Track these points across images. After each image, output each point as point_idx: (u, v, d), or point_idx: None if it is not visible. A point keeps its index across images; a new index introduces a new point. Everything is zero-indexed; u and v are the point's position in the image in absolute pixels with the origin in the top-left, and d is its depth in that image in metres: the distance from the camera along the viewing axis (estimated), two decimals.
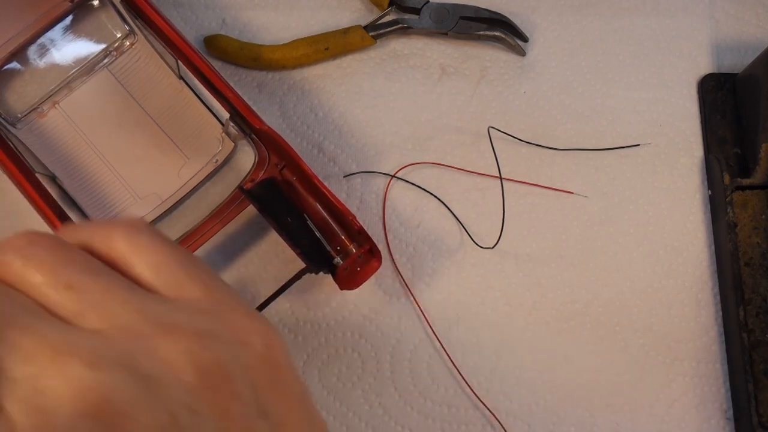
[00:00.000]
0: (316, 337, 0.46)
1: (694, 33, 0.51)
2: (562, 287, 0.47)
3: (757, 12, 0.51)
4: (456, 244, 0.47)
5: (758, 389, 0.44)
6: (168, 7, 0.49)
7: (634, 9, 0.51)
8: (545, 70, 0.50)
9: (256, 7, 0.50)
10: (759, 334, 0.44)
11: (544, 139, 0.48)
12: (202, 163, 0.46)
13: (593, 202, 0.48)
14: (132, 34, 0.46)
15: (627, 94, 0.50)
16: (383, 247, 0.47)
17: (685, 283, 0.47)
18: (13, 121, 0.45)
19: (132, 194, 0.45)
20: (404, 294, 0.46)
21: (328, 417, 0.45)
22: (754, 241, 0.46)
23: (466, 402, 0.45)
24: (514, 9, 0.50)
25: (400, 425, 0.45)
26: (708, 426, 0.46)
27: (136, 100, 0.46)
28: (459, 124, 0.49)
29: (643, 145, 0.49)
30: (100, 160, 0.45)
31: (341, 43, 0.48)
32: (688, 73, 0.50)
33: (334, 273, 0.43)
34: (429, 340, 0.46)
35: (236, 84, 0.48)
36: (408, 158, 0.48)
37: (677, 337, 0.47)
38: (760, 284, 0.45)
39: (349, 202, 0.47)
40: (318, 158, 0.48)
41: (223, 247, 0.46)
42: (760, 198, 0.46)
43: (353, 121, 0.48)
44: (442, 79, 0.49)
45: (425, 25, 0.48)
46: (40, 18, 0.44)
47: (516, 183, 0.48)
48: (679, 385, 0.46)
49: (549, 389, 0.46)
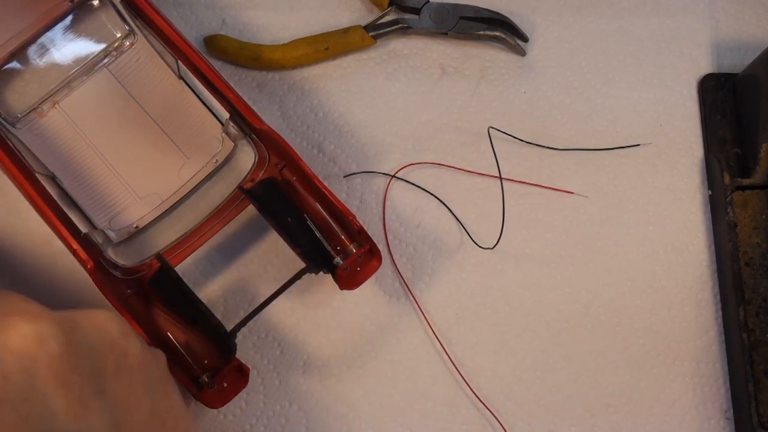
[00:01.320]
0: (316, 337, 0.46)
1: (694, 33, 0.51)
2: (562, 287, 0.47)
3: (757, 12, 0.51)
4: (456, 244, 0.47)
5: (758, 389, 0.44)
6: (168, 7, 0.49)
7: (634, 9, 0.51)
8: (545, 70, 0.50)
9: (256, 7, 0.50)
10: (759, 334, 0.44)
11: (544, 139, 0.48)
12: (202, 163, 0.46)
13: (593, 202, 0.48)
14: (132, 34, 0.46)
15: (627, 94, 0.50)
16: (383, 247, 0.47)
17: (685, 283, 0.47)
18: (13, 121, 0.45)
19: (132, 194, 0.45)
20: (404, 294, 0.46)
21: (328, 417, 0.45)
22: (754, 241, 0.46)
23: (466, 402, 0.45)
24: (514, 9, 0.50)
25: (400, 425, 0.45)
26: (708, 426, 0.46)
27: (136, 100, 0.46)
28: (459, 124, 0.49)
29: (643, 145, 0.49)
30: (100, 160, 0.45)
31: (341, 43, 0.48)
32: (688, 73, 0.50)
33: (334, 273, 0.43)
34: (429, 340, 0.46)
35: (236, 84, 0.48)
36: (408, 158, 0.48)
37: (677, 337, 0.47)
38: (760, 284, 0.45)
39: (349, 202, 0.47)
40: (318, 158, 0.48)
41: (223, 247, 0.46)
42: (761, 198, 0.46)
43: (353, 121, 0.48)
44: (442, 79, 0.49)
45: (425, 25, 0.48)
46: (40, 18, 0.44)
47: (516, 183, 0.48)
48: (679, 385, 0.46)
49: (549, 389, 0.46)
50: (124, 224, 0.45)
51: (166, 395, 0.35)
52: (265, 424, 0.45)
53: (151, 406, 0.33)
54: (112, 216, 0.45)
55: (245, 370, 0.41)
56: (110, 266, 0.43)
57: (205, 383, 0.41)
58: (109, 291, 0.40)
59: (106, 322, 0.32)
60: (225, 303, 0.46)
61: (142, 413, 0.32)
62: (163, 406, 0.34)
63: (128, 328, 0.34)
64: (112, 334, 0.32)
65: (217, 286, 0.46)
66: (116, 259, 0.44)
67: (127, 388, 0.32)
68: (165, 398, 0.35)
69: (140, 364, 0.33)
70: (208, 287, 0.46)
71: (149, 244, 0.46)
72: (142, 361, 0.33)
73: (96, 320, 0.32)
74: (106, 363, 0.31)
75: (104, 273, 0.42)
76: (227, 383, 0.41)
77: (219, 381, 0.41)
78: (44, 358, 0.29)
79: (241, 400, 0.45)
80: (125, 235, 0.45)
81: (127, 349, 0.33)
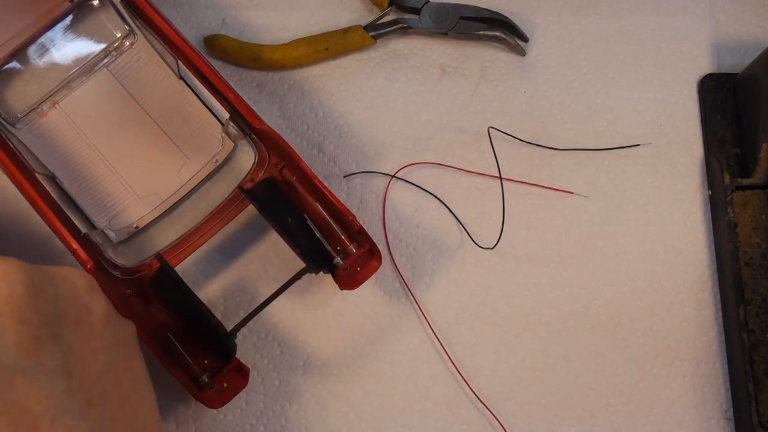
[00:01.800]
0: (316, 337, 0.46)
1: (694, 33, 0.51)
2: (562, 287, 0.47)
3: (757, 12, 0.51)
4: (456, 244, 0.47)
5: (758, 389, 0.44)
6: (168, 7, 0.49)
7: (634, 9, 0.51)
8: (545, 70, 0.50)
9: (256, 7, 0.50)
10: (759, 334, 0.44)
11: (544, 139, 0.48)
12: (202, 163, 0.46)
13: (593, 202, 0.48)
14: (132, 34, 0.46)
15: (627, 94, 0.50)
16: (383, 247, 0.47)
17: (685, 283, 0.47)
18: (13, 121, 0.45)
19: (132, 194, 0.45)
20: (404, 294, 0.46)
21: (329, 417, 0.45)
22: (754, 241, 0.46)
23: (466, 402, 0.45)
24: (514, 9, 0.50)
25: (400, 425, 0.45)
26: (708, 426, 0.46)
27: (136, 100, 0.46)
28: (459, 124, 0.49)
29: (643, 145, 0.49)
30: (100, 160, 0.45)
31: (341, 43, 0.48)
32: (688, 73, 0.50)
33: (334, 273, 0.43)
34: (429, 340, 0.46)
35: (236, 84, 0.48)
36: (408, 158, 0.48)
37: (677, 337, 0.47)
38: (760, 284, 0.45)
39: (349, 202, 0.47)
40: (318, 158, 0.48)
41: (223, 247, 0.46)
42: (761, 198, 0.46)
43: (353, 121, 0.48)
44: (442, 79, 0.49)
45: (425, 25, 0.48)
46: (40, 18, 0.44)
47: (516, 183, 0.48)
48: (679, 385, 0.46)
49: (549, 389, 0.46)
50: (124, 224, 0.45)
51: (127, 358, 0.36)
52: (265, 424, 0.45)
53: (108, 363, 0.34)
54: (112, 216, 0.45)
55: (245, 370, 0.41)
56: (110, 266, 0.43)
57: (205, 383, 0.41)
58: (109, 291, 0.40)
59: (74, 277, 0.34)
60: (225, 303, 0.46)
61: (98, 367, 0.33)
62: (121, 368, 0.35)
63: (95, 287, 0.35)
64: (78, 289, 0.33)
65: (217, 286, 0.46)
66: (116, 259, 0.44)
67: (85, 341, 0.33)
68: (125, 360, 0.35)
69: (102, 323, 0.34)
70: (208, 287, 0.46)
71: (149, 244, 0.46)
72: (105, 321, 0.34)
73: (64, 273, 0.33)
74: (67, 312, 0.32)
75: (104, 273, 0.42)
76: (227, 383, 0.41)
77: (219, 381, 0.41)
78: (4, 294, 0.30)
79: (241, 400, 0.45)
80: (125, 235, 0.45)
81: (90, 305, 0.34)
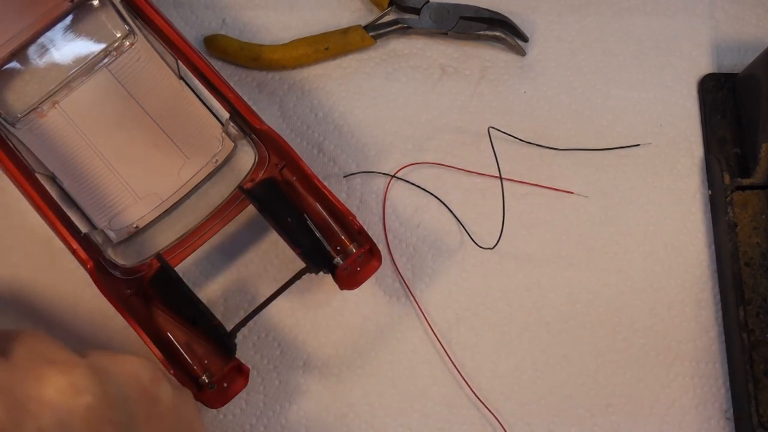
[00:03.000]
0: (316, 337, 0.46)
1: (694, 33, 0.51)
2: (562, 287, 0.47)
3: (757, 12, 0.51)
4: (456, 244, 0.47)
5: (758, 389, 0.44)
6: (168, 7, 0.49)
7: (634, 9, 0.51)
8: (545, 70, 0.50)
9: (256, 7, 0.50)
10: (759, 334, 0.44)
11: (544, 139, 0.48)
12: (202, 163, 0.46)
13: (593, 202, 0.48)
14: (132, 34, 0.46)
15: (627, 94, 0.50)
16: (383, 247, 0.47)
17: (685, 283, 0.47)
18: (13, 121, 0.45)
19: (132, 194, 0.45)
20: (404, 294, 0.46)
21: (328, 417, 0.45)
22: (754, 241, 0.46)
23: (466, 402, 0.45)
24: (514, 9, 0.50)
25: (400, 425, 0.45)
26: (708, 426, 0.46)
27: (136, 100, 0.46)
28: (459, 124, 0.49)
29: (643, 145, 0.49)
30: (100, 160, 0.45)
31: (341, 43, 0.48)
32: (688, 73, 0.50)
33: (334, 273, 0.43)
34: (429, 340, 0.46)
35: (236, 84, 0.48)
36: (408, 158, 0.48)
37: (677, 337, 0.47)
38: (760, 284, 0.45)
39: (349, 202, 0.47)
40: (318, 158, 0.48)
41: (223, 247, 0.46)
42: (761, 198, 0.46)
43: (353, 121, 0.48)
44: (442, 79, 0.49)
45: (425, 25, 0.48)
46: (40, 18, 0.44)
47: (516, 183, 0.48)
48: (679, 385, 0.46)
49: (549, 389, 0.46)
50: (124, 224, 0.45)
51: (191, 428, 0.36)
52: (265, 424, 0.45)
53: None
54: (112, 216, 0.45)
55: (245, 370, 0.41)
56: (110, 266, 0.43)
57: (205, 383, 0.41)
58: (108, 291, 0.40)
59: (138, 370, 0.33)
60: (225, 303, 0.46)
61: None
62: None
63: (159, 374, 0.34)
64: (144, 382, 0.33)
65: (217, 286, 0.46)
66: (116, 259, 0.44)
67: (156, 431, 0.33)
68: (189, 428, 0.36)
69: (170, 410, 0.34)
70: (208, 287, 0.46)
71: (149, 244, 0.46)
72: (172, 406, 0.34)
73: (128, 368, 0.33)
74: (137, 411, 0.32)
75: (104, 273, 0.42)
76: (227, 383, 0.41)
77: (219, 381, 0.41)
78: (79, 411, 0.29)
79: (241, 400, 0.45)
80: (125, 235, 0.45)
81: (157, 396, 0.33)
